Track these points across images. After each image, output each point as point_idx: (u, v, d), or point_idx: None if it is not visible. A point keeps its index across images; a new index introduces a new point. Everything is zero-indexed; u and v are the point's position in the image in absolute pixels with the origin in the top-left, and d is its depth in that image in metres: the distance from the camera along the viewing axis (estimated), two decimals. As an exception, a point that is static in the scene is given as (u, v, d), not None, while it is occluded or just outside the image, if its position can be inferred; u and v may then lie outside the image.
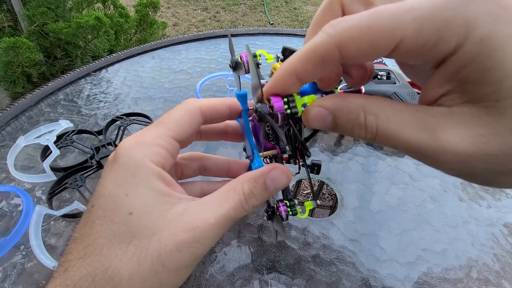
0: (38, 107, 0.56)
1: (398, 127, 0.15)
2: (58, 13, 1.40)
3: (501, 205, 0.42)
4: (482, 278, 0.34)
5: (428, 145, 0.14)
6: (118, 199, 0.18)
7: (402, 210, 0.41)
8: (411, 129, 0.15)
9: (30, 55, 1.23)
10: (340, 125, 0.16)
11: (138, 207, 0.18)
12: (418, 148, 0.15)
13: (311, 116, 0.17)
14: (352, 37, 0.14)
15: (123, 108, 0.56)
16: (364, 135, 0.16)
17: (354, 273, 0.34)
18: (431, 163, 0.15)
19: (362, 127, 0.16)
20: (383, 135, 0.15)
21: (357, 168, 0.46)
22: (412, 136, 0.14)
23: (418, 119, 0.15)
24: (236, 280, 0.33)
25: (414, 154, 0.16)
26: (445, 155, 0.14)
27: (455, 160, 0.14)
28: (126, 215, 0.18)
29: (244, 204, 0.20)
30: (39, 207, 0.37)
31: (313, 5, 3.14)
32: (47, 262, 0.33)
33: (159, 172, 0.19)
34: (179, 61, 0.70)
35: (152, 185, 0.19)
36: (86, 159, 0.44)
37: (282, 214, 0.24)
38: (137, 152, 0.19)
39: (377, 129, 0.15)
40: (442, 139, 0.14)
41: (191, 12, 2.97)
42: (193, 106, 0.22)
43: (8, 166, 0.43)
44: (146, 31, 1.64)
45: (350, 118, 0.16)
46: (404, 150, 0.15)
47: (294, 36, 0.80)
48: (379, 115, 0.15)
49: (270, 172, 0.20)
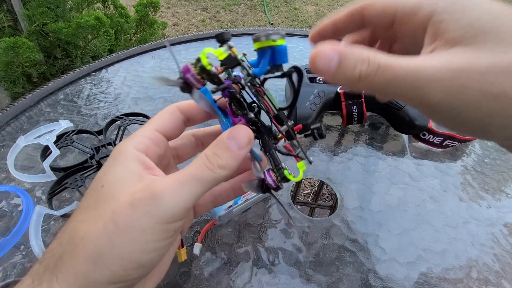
0: (38, 107, 0.56)
1: (399, 61, 0.17)
2: (58, 13, 1.40)
3: (501, 205, 0.42)
4: (482, 278, 0.34)
5: (426, 65, 0.16)
6: (98, 178, 0.20)
7: (402, 210, 0.41)
8: (410, 62, 0.17)
9: (30, 55, 1.23)
10: (344, 65, 0.17)
11: (109, 181, 0.20)
12: (417, 70, 0.16)
13: (319, 54, 0.18)
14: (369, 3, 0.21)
15: (123, 108, 0.56)
16: (366, 68, 0.17)
17: (354, 273, 0.34)
18: (428, 85, 0.16)
19: (366, 61, 0.17)
20: (385, 66, 0.17)
21: (357, 168, 0.46)
22: (411, 62, 0.16)
23: (413, 57, 0.17)
24: (236, 280, 0.33)
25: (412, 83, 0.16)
26: (441, 72, 0.16)
27: (449, 76, 0.16)
28: (99, 188, 0.19)
29: (206, 163, 0.19)
30: (39, 207, 0.37)
31: (313, 5, 3.14)
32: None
33: (138, 155, 0.21)
34: (179, 61, 0.70)
35: (127, 164, 0.20)
36: (86, 159, 0.44)
37: (269, 181, 0.22)
38: (123, 143, 0.22)
39: (379, 61, 0.17)
40: (437, 59, 0.16)
41: (191, 12, 2.97)
42: (172, 105, 0.24)
43: (8, 166, 0.43)
44: (146, 31, 1.64)
45: (356, 56, 0.17)
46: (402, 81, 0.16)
47: (294, 36, 0.80)
48: (381, 54, 0.17)
49: (229, 133, 0.21)
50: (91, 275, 0.17)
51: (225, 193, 0.26)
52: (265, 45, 0.20)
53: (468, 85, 0.15)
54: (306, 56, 0.73)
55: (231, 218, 0.39)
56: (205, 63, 0.19)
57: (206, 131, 0.27)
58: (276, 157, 0.23)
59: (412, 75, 0.16)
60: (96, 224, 0.18)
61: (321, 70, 0.18)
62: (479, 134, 0.18)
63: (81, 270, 0.17)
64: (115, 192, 0.19)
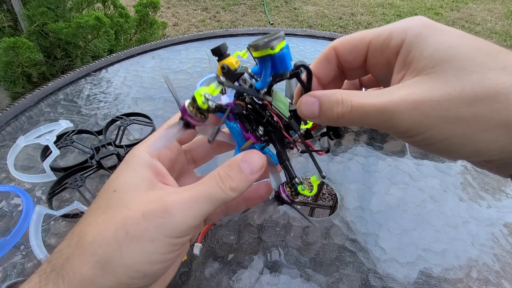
0: (38, 107, 0.56)
1: (367, 98, 0.19)
2: (58, 13, 1.40)
3: (501, 205, 0.42)
4: (482, 278, 0.34)
5: (391, 101, 0.18)
6: (110, 181, 0.21)
7: (402, 210, 0.41)
8: (377, 97, 0.19)
9: (30, 55, 1.23)
10: (323, 108, 0.20)
11: (121, 185, 0.20)
12: (384, 107, 0.18)
13: (303, 103, 0.21)
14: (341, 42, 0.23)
15: (123, 108, 0.56)
16: (341, 109, 0.19)
17: (354, 273, 0.34)
18: (394, 119, 0.18)
19: (340, 103, 0.19)
20: (357, 105, 0.19)
21: (357, 168, 0.46)
22: (377, 101, 0.18)
23: (381, 92, 0.19)
24: (236, 280, 0.33)
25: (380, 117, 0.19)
26: (402, 105, 0.18)
27: (410, 109, 0.18)
28: (111, 192, 0.20)
29: (219, 183, 0.20)
30: (39, 207, 0.37)
31: (313, 5, 3.14)
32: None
33: (150, 161, 0.21)
34: (179, 61, 0.70)
35: (139, 170, 0.21)
36: (86, 159, 0.44)
37: (283, 196, 0.22)
38: (136, 147, 0.22)
39: (351, 102, 0.19)
40: (399, 94, 0.18)
41: (191, 12, 2.97)
42: None
43: (8, 166, 0.43)
44: (146, 31, 1.64)
45: (331, 100, 0.20)
46: (372, 118, 0.19)
47: (294, 36, 0.80)
48: (351, 95, 0.19)
49: (243, 156, 0.21)
50: (97, 280, 0.18)
51: (236, 204, 0.27)
52: (264, 54, 0.20)
53: (428, 113, 0.17)
54: (306, 56, 0.73)
55: (231, 218, 0.39)
56: (200, 103, 0.19)
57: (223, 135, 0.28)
58: (291, 169, 0.22)
59: (381, 110, 0.18)
60: (106, 230, 0.18)
61: (307, 116, 0.21)
62: (446, 154, 0.19)
63: (88, 275, 0.18)
64: (127, 199, 0.19)
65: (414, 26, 0.20)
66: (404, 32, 0.20)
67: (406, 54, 0.20)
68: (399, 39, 0.20)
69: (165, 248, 0.19)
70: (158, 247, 0.18)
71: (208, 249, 0.35)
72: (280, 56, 0.20)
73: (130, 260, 0.18)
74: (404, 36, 0.20)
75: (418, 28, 0.20)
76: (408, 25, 0.20)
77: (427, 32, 0.19)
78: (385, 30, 0.21)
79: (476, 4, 3.17)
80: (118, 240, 0.18)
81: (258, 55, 0.20)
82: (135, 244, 0.18)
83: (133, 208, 0.19)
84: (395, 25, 0.21)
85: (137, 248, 0.18)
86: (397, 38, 0.20)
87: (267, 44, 0.19)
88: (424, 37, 0.19)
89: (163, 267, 0.20)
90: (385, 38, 0.21)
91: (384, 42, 0.21)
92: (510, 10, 3.00)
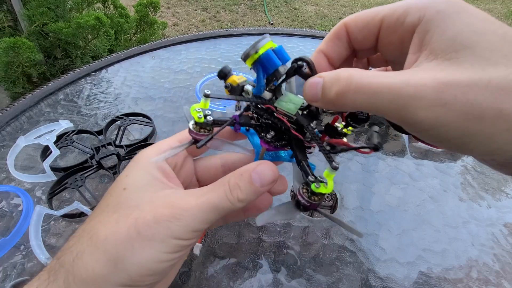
0: (38, 107, 0.56)
1: (378, 78, 0.16)
2: (58, 13, 1.39)
3: (501, 205, 0.42)
4: (482, 278, 0.34)
5: (406, 83, 0.16)
6: (120, 179, 0.22)
7: (402, 210, 0.41)
8: (391, 79, 0.16)
9: (30, 55, 1.23)
10: (325, 87, 0.18)
11: (131, 184, 0.21)
12: (397, 89, 0.16)
13: (307, 85, 0.19)
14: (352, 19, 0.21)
15: (123, 108, 0.56)
16: (340, 87, 0.17)
17: (354, 273, 0.34)
18: (410, 104, 0.16)
19: (338, 80, 0.17)
20: (362, 84, 0.17)
21: (357, 168, 0.46)
22: (392, 81, 0.16)
23: (394, 73, 0.17)
24: (236, 280, 0.33)
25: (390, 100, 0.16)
26: (424, 88, 0.15)
27: (431, 95, 0.15)
28: (121, 190, 0.21)
29: (228, 193, 0.20)
30: (39, 207, 0.37)
31: (313, 5, 3.14)
32: (47, 262, 0.33)
33: (160, 163, 0.22)
34: (179, 61, 0.70)
35: (148, 170, 0.21)
36: (86, 159, 0.44)
37: (301, 200, 0.20)
38: (147, 148, 0.23)
39: (354, 79, 0.17)
40: (418, 75, 0.16)
41: (191, 12, 2.97)
42: None
43: (8, 166, 0.43)
44: (146, 31, 1.64)
45: (330, 78, 0.18)
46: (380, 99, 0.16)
47: (294, 36, 0.80)
48: (358, 72, 0.17)
49: (256, 167, 0.21)
50: (109, 278, 0.18)
51: (237, 214, 0.27)
52: (253, 60, 0.20)
53: (450, 103, 0.15)
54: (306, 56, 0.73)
55: (231, 218, 0.39)
56: (196, 118, 0.20)
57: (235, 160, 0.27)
58: (307, 170, 0.21)
59: (397, 93, 0.16)
60: (118, 229, 0.19)
61: (311, 99, 0.19)
62: (459, 150, 0.18)
63: (101, 272, 0.18)
64: (137, 198, 0.20)
65: (436, 1, 0.18)
66: (423, 9, 0.18)
67: (424, 33, 0.18)
68: (416, 16, 0.18)
69: (173, 248, 0.20)
70: (167, 247, 0.19)
71: (208, 249, 0.35)
72: (264, 57, 0.20)
73: (142, 258, 0.19)
74: (423, 13, 0.18)
75: (440, 4, 0.18)
76: (428, 0, 0.18)
77: (450, 10, 0.17)
78: (401, 5, 0.19)
79: (476, 4, 3.17)
80: (130, 240, 0.19)
81: (250, 63, 0.21)
82: (146, 243, 0.19)
83: (144, 209, 0.20)
84: (411, 1, 0.19)
85: (149, 247, 0.19)
86: (414, 15, 0.18)
87: (252, 49, 0.20)
88: (447, 15, 0.17)
89: (169, 265, 0.20)
90: (400, 15, 0.19)
91: (399, 19, 0.19)
92: (510, 10, 3.00)
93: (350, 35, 0.22)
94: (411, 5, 0.19)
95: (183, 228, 0.19)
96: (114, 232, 0.19)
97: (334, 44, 0.22)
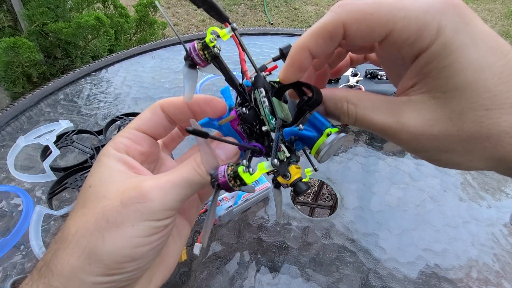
0: (38, 107, 0.56)
1: (372, 113, 0.20)
2: (58, 13, 1.39)
3: (501, 205, 0.42)
4: (482, 278, 0.34)
5: (393, 126, 0.19)
6: (86, 180, 0.22)
7: (402, 210, 0.41)
8: (381, 115, 0.20)
9: (30, 55, 1.23)
10: (330, 112, 0.21)
11: (95, 180, 0.21)
12: (386, 129, 0.20)
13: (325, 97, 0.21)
14: (356, 19, 0.18)
15: (123, 108, 0.56)
16: (347, 120, 0.21)
17: (354, 273, 0.34)
18: (395, 140, 0.20)
19: (345, 114, 0.21)
20: (361, 120, 0.20)
21: (357, 168, 0.46)
22: (381, 120, 0.20)
23: (386, 107, 0.20)
24: (236, 280, 0.33)
25: (383, 134, 0.20)
26: (403, 134, 0.19)
27: (409, 138, 0.19)
28: (87, 188, 0.21)
29: (197, 168, 0.20)
30: (39, 207, 0.37)
31: (313, 5, 3.14)
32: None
33: (120, 156, 0.22)
34: (179, 61, 0.70)
35: (111, 165, 0.21)
36: (86, 159, 0.44)
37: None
38: (105, 146, 0.23)
39: (356, 115, 0.20)
40: (401, 121, 0.19)
41: (191, 12, 2.97)
42: (154, 103, 0.24)
43: (8, 166, 0.43)
44: (146, 31, 1.64)
45: (336, 107, 0.21)
46: (376, 131, 0.20)
47: (294, 36, 0.80)
48: (358, 105, 0.20)
49: (218, 143, 0.22)
50: (86, 269, 0.18)
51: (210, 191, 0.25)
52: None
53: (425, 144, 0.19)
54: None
55: (231, 218, 0.39)
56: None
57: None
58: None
59: (384, 130, 0.20)
60: (87, 221, 0.19)
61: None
62: (448, 167, 0.21)
63: (76, 265, 0.18)
64: (103, 191, 0.20)
65: (449, 27, 0.17)
66: (436, 33, 0.17)
67: (426, 63, 0.18)
68: (426, 41, 0.17)
69: (147, 231, 0.19)
70: (139, 231, 0.19)
71: (208, 249, 0.35)
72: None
73: (114, 246, 0.18)
74: (433, 39, 0.17)
75: (450, 33, 0.17)
76: (441, 24, 0.17)
77: (458, 43, 0.17)
78: (415, 22, 0.17)
79: (476, 4, 3.17)
80: (99, 229, 0.19)
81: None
82: (116, 230, 0.19)
83: (111, 197, 0.19)
84: (426, 17, 0.17)
85: (119, 234, 0.19)
86: (425, 39, 0.17)
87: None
88: (453, 50, 0.17)
89: (149, 249, 0.20)
90: (411, 34, 0.17)
91: (409, 38, 0.18)
92: (510, 10, 3.00)
93: (347, 37, 0.19)
94: (426, 26, 0.17)
95: (154, 207, 0.19)
96: (82, 224, 0.19)
97: (324, 44, 0.20)
